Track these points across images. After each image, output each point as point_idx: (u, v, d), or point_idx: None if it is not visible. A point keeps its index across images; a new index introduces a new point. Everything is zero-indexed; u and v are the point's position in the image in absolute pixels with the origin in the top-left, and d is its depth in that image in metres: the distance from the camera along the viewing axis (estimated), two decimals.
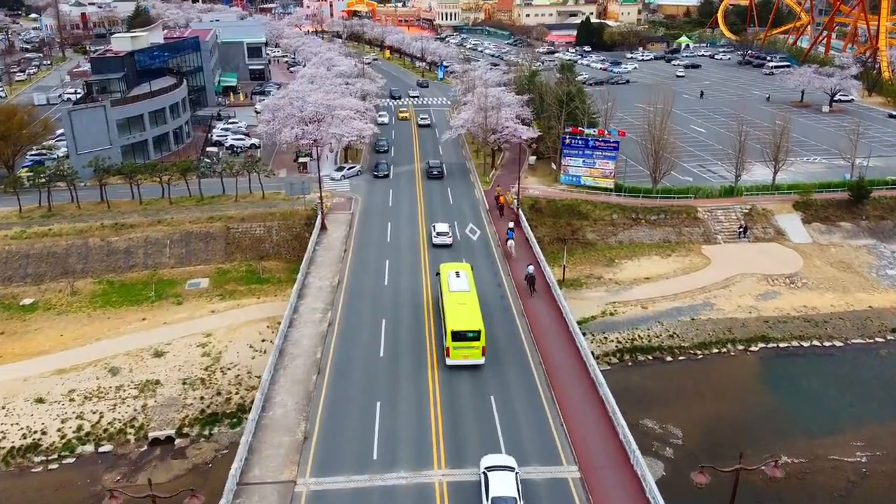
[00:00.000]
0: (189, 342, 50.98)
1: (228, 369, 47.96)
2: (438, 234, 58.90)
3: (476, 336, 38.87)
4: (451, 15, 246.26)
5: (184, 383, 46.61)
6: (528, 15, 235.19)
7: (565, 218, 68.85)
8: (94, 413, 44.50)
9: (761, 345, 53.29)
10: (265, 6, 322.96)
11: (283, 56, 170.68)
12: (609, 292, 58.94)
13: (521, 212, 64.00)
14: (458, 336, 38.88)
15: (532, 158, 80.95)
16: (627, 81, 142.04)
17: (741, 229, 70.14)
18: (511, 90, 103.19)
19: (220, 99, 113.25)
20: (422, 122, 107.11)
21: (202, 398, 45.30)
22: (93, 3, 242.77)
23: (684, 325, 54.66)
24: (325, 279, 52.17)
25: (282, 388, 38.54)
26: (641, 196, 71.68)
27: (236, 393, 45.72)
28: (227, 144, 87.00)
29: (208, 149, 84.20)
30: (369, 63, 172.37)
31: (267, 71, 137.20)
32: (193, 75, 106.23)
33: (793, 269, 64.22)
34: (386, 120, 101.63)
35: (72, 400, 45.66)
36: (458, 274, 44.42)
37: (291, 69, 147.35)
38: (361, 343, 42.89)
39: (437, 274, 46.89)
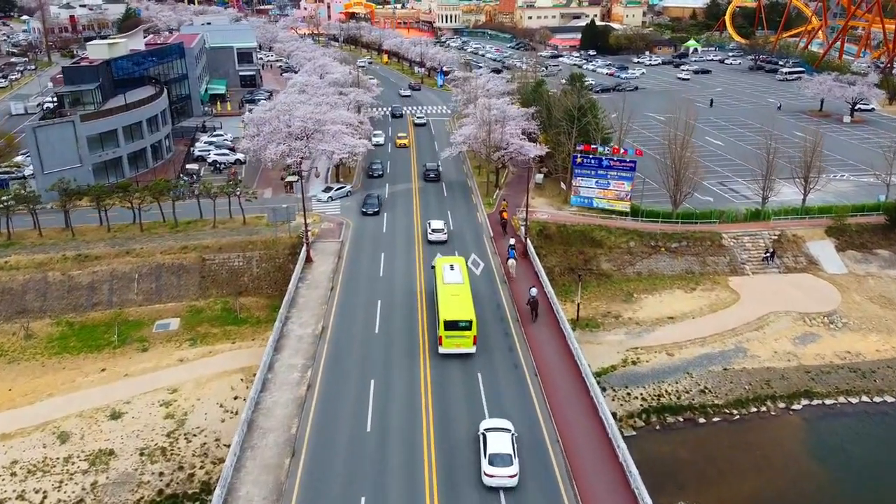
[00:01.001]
0: (151, 400, 44.57)
1: (194, 435, 41.54)
2: (433, 230, 59.59)
3: (468, 326, 40.35)
4: (451, 17, 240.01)
5: (141, 454, 40.19)
6: (530, 17, 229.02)
7: (577, 245, 62.52)
8: (36, 492, 38.13)
9: (805, 402, 46.80)
10: (262, 8, 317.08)
11: (277, 60, 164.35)
12: (629, 335, 52.53)
13: (528, 242, 57.51)
14: (451, 325, 40.34)
15: (539, 177, 74.57)
16: (636, 88, 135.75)
17: (768, 254, 63.89)
18: (515, 100, 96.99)
19: (206, 108, 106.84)
20: (418, 122, 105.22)
21: (161, 474, 38.88)
22: (84, 6, 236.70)
23: (716, 377, 48.23)
24: (307, 326, 45.74)
25: (248, 476, 32.16)
26: (660, 220, 65.28)
27: (201, 467, 39.28)
28: (209, 160, 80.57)
29: (188, 166, 77.75)
30: (363, 66, 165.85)
31: (258, 77, 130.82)
32: (177, 84, 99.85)
33: (830, 305, 57.81)
34: (381, 140, 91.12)
35: (13, 474, 39.32)
36: (452, 267, 46.44)
37: (284, 74, 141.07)
38: (345, 414, 36.46)
39: (433, 267, 48.91)
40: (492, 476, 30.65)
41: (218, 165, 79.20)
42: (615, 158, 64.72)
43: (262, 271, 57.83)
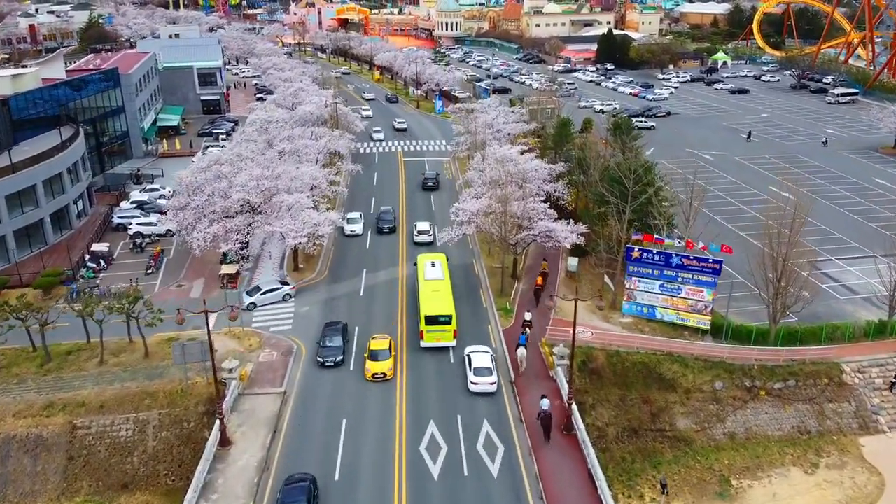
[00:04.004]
0: None
1: None
2: (419, 232, 59.00)
3: (448, 320, 42.44)
4: (451, 25, 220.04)
5: None
6: (537, 25, 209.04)
7: (638, 387, 42.60)
8: None
9: None
10: (249, 13, 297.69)
11: (254, 76, 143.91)
12: None
13: (574, 406, 37.27)
14: (431, 320, 42.38)
15: (572, 262, 54.37)
16: (668, 113, 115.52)
17: None
18: (528, 134, 77.35)
19: (150, 147, 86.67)
20: (398, 126, 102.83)
21: None
22: (51, 12, 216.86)
23: None
24: None
25: None
26: (754, 345, 45.29)
27: None
28: (130, 232, 60.55)
29: (95, 247, 57.45)
30: (339, 77, 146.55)
31: (223, 102, 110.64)
32: (109, 119, 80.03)
33: None
34: (359, 229, 61.94)
35: None
36: (433, 264, 47.95)
37: (258, 95, 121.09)
38: None
39: (415, 264, 50.34)
40: (476, 384, 38.66)
41: (139, 242, 59.02)
42: (690, 256, 44.76)
43: (162, 445, 37.84)
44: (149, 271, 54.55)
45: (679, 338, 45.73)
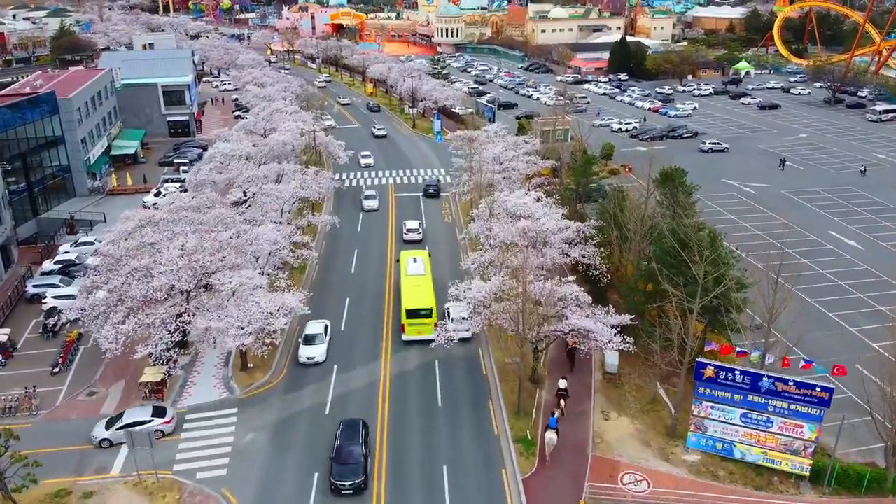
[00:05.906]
0: None
1: None
2: (408, 230, 60.59)
3: (428, 313, 43.83)
4: (452, 31, 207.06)
5: None
6: (543, 31, 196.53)
7: None
8: None
9: None
10: (241, 17, 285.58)
11: (235, 90, 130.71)
12: None
13: None
14: (412, 314, 43.79)
15: (611, 359, 41.21)
16: (695, 134, 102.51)
17: None
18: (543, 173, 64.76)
19: (97, 182, 73.70)
20: (378, 133, 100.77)
21: None
22: (27, 19, 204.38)
23: None
24: None
25: None
26: (866, 494, 32.34)
27: None
28: (45, 307, 47.62)
29: None
30: (323, 87, 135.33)
31: (192, 124, 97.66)
32: (44, 153, 67.23)
33: None
34: (319, 356, 42.69)
35: None
36: (415, 260, 49.93)
37: (236, 114, 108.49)
38: None
39: (398, 260, 52.34)
40: (455, 331, 40.66)
41: (52, 324, 45.90)
42: (789, 381, 31.76)
43: None
44: (56, 370, 41.62)
45: (767, 488, 32.75)
